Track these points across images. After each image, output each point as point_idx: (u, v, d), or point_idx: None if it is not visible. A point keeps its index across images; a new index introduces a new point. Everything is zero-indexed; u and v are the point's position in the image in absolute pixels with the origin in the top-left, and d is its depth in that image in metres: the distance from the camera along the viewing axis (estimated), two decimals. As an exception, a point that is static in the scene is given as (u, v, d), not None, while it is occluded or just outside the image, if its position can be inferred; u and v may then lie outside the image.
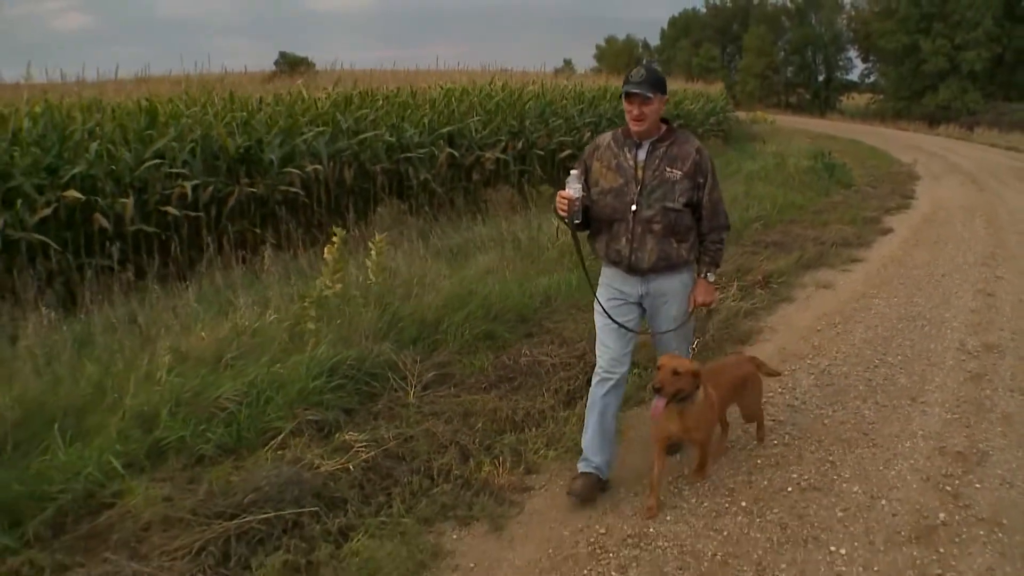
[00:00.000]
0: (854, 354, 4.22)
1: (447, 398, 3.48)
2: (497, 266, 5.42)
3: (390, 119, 8.38)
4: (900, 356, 4.18)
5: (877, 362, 4.09)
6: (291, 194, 7.06)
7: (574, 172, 2.57)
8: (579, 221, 2.58)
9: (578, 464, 2.77)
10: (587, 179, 2.63)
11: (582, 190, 2.54)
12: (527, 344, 4.11)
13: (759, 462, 2.98)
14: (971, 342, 4.41)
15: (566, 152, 10.48)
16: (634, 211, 2.54)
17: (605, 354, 2.72)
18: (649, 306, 2.69)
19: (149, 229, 6.13)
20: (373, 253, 4.62)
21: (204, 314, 4.39)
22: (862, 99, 38.51)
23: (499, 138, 9.66)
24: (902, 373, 3.93)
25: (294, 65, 18.01)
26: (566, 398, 3.41)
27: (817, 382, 3.81)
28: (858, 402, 3.56)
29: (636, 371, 3.47)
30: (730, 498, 2.71)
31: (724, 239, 2.69)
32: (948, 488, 2.77)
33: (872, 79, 38.22)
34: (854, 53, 39.83)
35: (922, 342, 4.42)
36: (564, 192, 2.52)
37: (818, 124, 27.20)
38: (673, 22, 50.91)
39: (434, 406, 3.40)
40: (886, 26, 30.69)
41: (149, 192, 6.19)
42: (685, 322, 2.70)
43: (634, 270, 2.60)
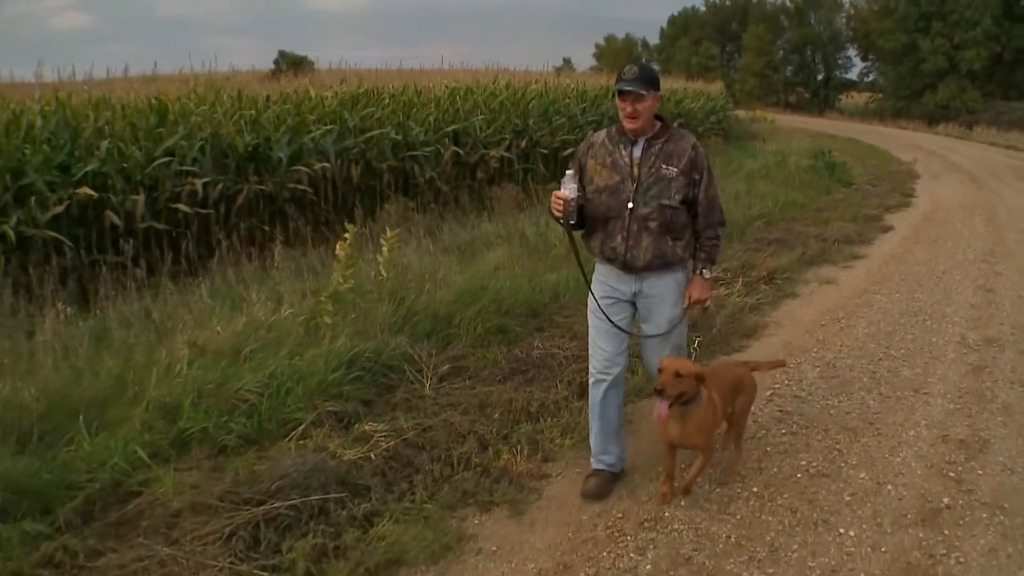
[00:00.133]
0: (858, 347, 4.31)
1: (463, 390, 3.57)
2: (506, 262, 5.51)
3: (396, 118, 8.47)
4: (903, 349, 4.28)
5: (880, 355, 4.19)
6: (299, 192, 7.14)
7: (569, 172, 2.56)
8: (574, 221, 2.57)
9: (591, 461, 2.82)
10: (582, 177, 2.62)
11: (577, 190, 2.53)
12: (538, 338, 4.21)
13: (768, 450, 3.08)
14: (972, 336, 4.51)
15: (569, 150, 10.56)
16: (630, 209, 2.53)
17: (598, 355, 2.73)
18: (642, 306, 2.68)
19: (160, 226, 6.20)
20: (385, 249, 4.70)
21: (218, 309, 4.46)
22: (861, 98, 38.64)
23: (503, 136, 9.75)
24: (905, 366, 4.03)
25: (293, 64, 18.05)
26: (579, 389, 3.49)
27: (822, 374, 3.91)
28: (863, 393, 3.66)
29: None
30: (741, 484, 2.80)
31: (720, 235, 2.68)
32: (951, 474, 2.87)
33: (871, 78, 38.37)
34: (853, 52, 40.01)
35: (924, 336, 4.52)
36: (559, 192, 2.51)
37: (817, 123, 27.31)
38: (672, 21, 51.02)
39: (450, 397, 3.49)
40: (885, 25, 30.80)
41: (159, 190, 6.26)
42: (678, 323, 2.66)
43: (629, 268, 2.59)
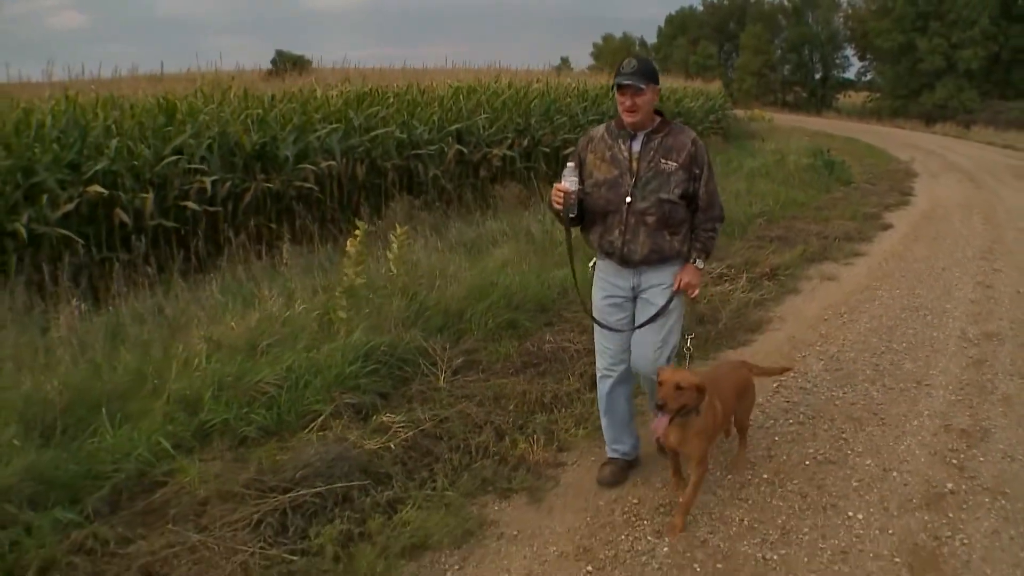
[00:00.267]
0: (861, 341, 4.41)
1: (477, 382, 3.65)
2: (513, 259, 5.59)
3: (401, 116, 8.54)
4: (905, 343, 4.38)
5: (883, 348, 4.28)
6: (305, 190, 7.21)
7: (570, 165, 2.56)
8: (574, 215, 2.56)
9: (606, 450, 2.90)
10: (581, 171, 2.62)
11: (577, 183, 2.53)
12: (548, 332, 4.29)
13: (776, 439, 3.17)
14: (972, 331, 4.60)
15: (570, 149, 10.64)
16: (628, 203, 2.53)
17: (604, 354, 2.76)
18: (640, 300, 2.68)
19: (169, 224, 6.26)
20: (395, 246, 4.77)
21: (231, 305, 4.53)
22: (858, 97, 38.77)
23: (506, 135, 9.83)
24: (907, 358, 4.12)
25: (291, 64, 18.07)
26: (590, 381, 3.56)
27: (827, 367, 4.00)
28: (867, 385, 3.75)
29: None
30: (752, 471, 2.89)
31: (718, 229, 2.67)
32: (954, 461, 2.97)
33: (868, 77, 38.51)
34: (851, 51, 40.14)
35: (925, 331, 4.61)
36: (560, 185, 2.52)
37: (815, 122, 27.42)
38: (670, 20, 51.11)
39: (464, 390, 3.57)
40: (882, 25, 30.92)
41: (168, 188, 6.32)
42: (669, 311, 2.61)
43: (626, 262, 2.60)
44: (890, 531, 2.50)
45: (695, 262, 2.63)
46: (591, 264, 2.83)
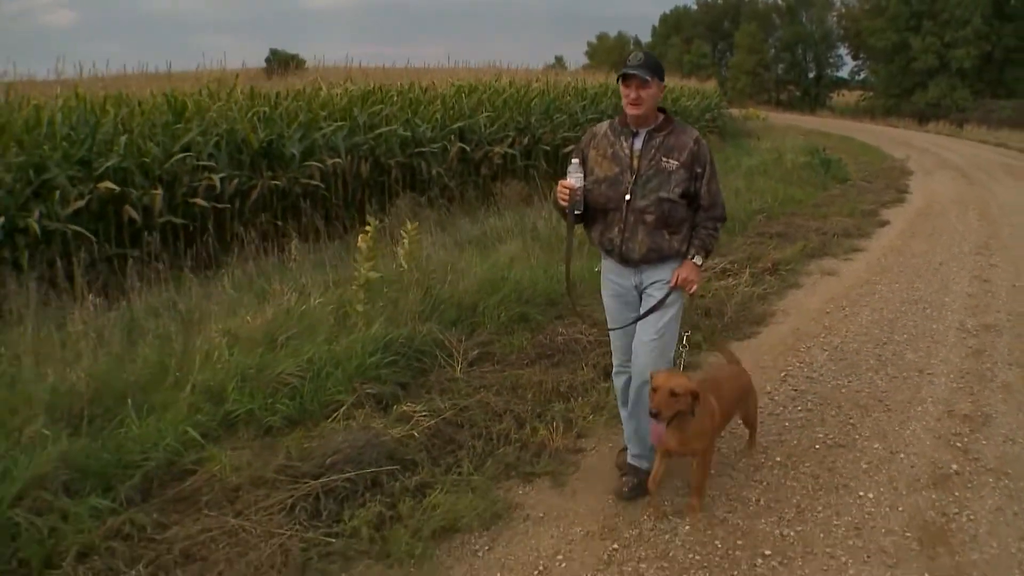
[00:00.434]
0: (863, 333, 4.53)
1: (493, 373, 3.74)
2: (520, 255, 5.69)
3: (404, 115, 8.62)
4: (906, 335, 4.50)
5: (885, 340, 4.40)
6: (311, 187, 7.29)
7: (575, 161, 2.55)
8: (579, 212, 2.55)
9: (627, 457, 2.80)
10: (584, 168, 2.61)
11: (582, 180, 2.52)
12: (560, 325, 4.39)
13: (787, 424, 3.28)
14: (970, 323, 4.73)
15: (569, 147, 10.75)
16: (628, 200, 2.51)
17: (618, 351, 2.78)
18: (643, 296, 2.66)
19: (178, 220, 6.33)
20: (406, 241, 4.86)
21: (245, 300, 4.61)
22: (852, 96, 39.02)
23: (507, 134, 9.92)
24: (909, 349, 4.25)
25: (285, 62, 18.10)
26: (604, 372, 3.67)
27: (831, 357, 4.12)
28: (871, 374, 3.88)
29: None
30: (764, 455, 3.01)
31: (719, 228, 2.64)
32: (958, 444, 3.10)
33: (862, 76, 38.79)
34: (844, 50, 40.41)
35: (925, 323, 4.74)
36: (566, 181, 2.51)
37: (809, 121, 27.63)
38: (664, 19, 51.31)
39: (481, 380, 3.66)
40: (876, 24, 31.15)
41: (177, 185, 6.39)
42: (667, 305, 2.58)
43: (626, 260, 2.59)
44: (900, 509, 2.62)
45: (693, 258, 2.60)
46: (597, 270, 2.85)
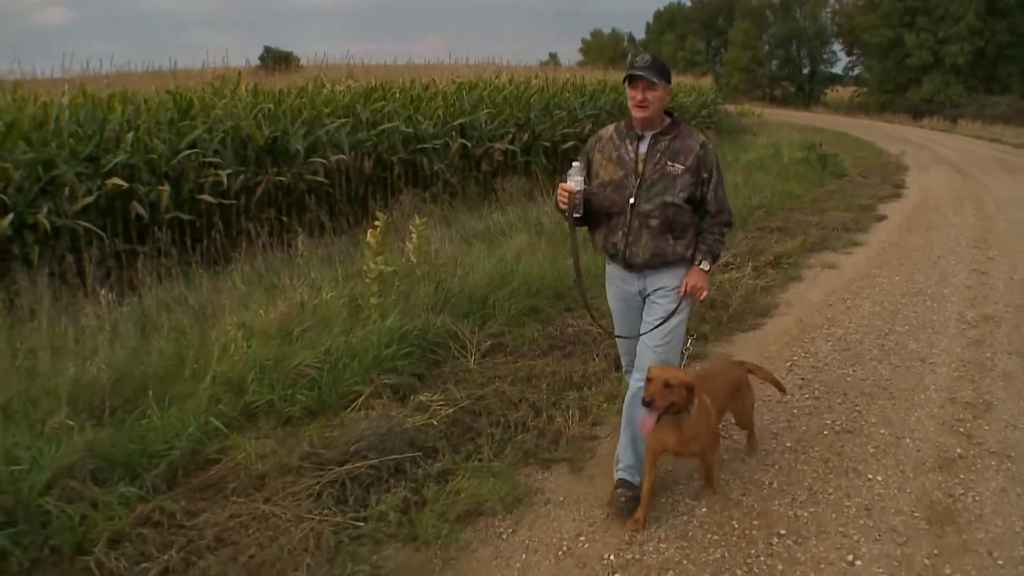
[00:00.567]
0: (865, 324, 4.63)
1: (506, 364, 3.82)
2: (527, 249, 5.76)
3: (407, 111, 8.68)
4: (907, 326, 4.61)
5: (887, 330, 4.51)
6: (315, 183, 7.34)
7: (576, 164, 2.52)
8: (579, 215, 2.53)
9: (616, 470, 2.67)
10: (589, 171, 2.61)
11: (583, 183, 2.50)
12: (569, 317, 4.47)
13: (795, 411, 3.38)
14: (969, 314, 4.84)
15: (569, 144, 10.82)
16: (632, 204, 2.49)
17: (625, 353, 2.83)
18: (647, 301, 2.65)
19: (185, 216, 6.37)
20: (414, 236, 4.93)
21: (256, 294, 4.67)
22: (846, 92, 39.23)
23: (507, 130, 9.98)
24: (911, 339, 4.35)
25: (278, 60, 18.09)
26: (616, 362, 3.74)
27: (835, 347, 4.22)
28: (874, 363, 3.98)
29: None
30: (775, 441, 3.10)
31: (725, 234, 2.62)
32: (961, 430, 3.20)
33: (856, 72, 38.98)
34: (838, 47, 40.63)
35: (925, 314, 4.84)
36: (565, 185, 2.48)
37: (803, 117, 27.77)
38: (658, 16, 51.37)
39: (495, 371, 3.74)
40: (870, 20, 31.32)
41: (183, 181, 6.43)
42: (674, 315, 2.56)
43: (630, 265, 2.58)
44: (908, 490, 2.72)
45: (700, 264, 2.57)
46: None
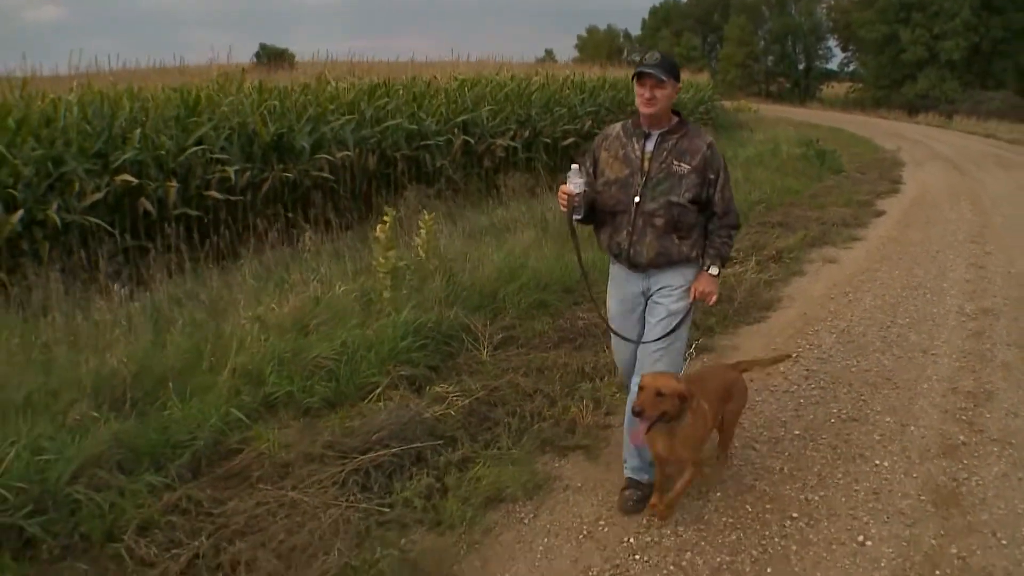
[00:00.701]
0: (867, 317, 4.73)
1: (518, 356, 3.90)
2: (534, 244, 5.84)
3: (410, 108, 8.73)
4: (908, 318, 4.71)
5: (889, 323, 4.61)
6: (321, 179, 7.40)
7: (574, 167, 2.50)
8: (579, 216, 2.54)
9: (626, 469, 2.70)
10: (595, 169, 2.60)
11: (584, 185, 2.47)
12: (578, 310, 4.55)
13: (802, 401, 3.48)
14: (969, 307, 4.95)
15: (569, 140, 10.89)
16: (637, 203, 2.48)
17: (621, 363, 2.76)
18: (652, 301, 2.61)
19: (192, 212, 6.42)
20: (423, 231, 5.00)
21: (265, 289, 4.73)
22: (841, 88, 39.38)
23: (508, 127, 10.05)
24: (912, 331, 4.46)
25: (274, 57, 18.09)
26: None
27: (839, 340, 4.32)
28: (877, 355, 4.08)
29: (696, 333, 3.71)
30: (784, 428, 3.20)
31: (733, 236, 2.58)
32: (964, 418, 3.31)
33: (851, 68, 39.13)
34: (834, 42, 40.75)
35: (926, 307, 4.95)
36: (565, 188, 2.47)
37: (799, 113, 27.85)
38: (654, 12, 51.45)
39: (508, 363, 3.82)
40: (865, 16, 31.44)
41: (191, 177, 6.48)
42: (679, 317, 2.54)
43: (635, 265, 2.55)
44: (914, 475, 2.82)
45: (709, 269, 2.54)
46: None
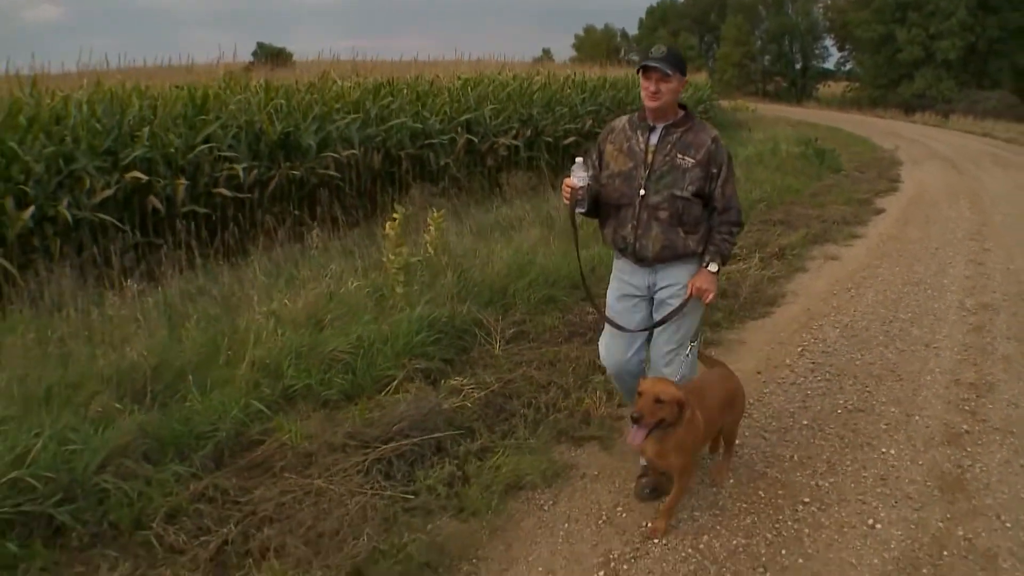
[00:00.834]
0: (870, 312, 4.83)
1: (530, 350, 3.99)
2: (540, 242, 5.92)
3: (414, 107, 8.80)
4: (910, 313, 4.81)
5: (891, 318, 4.71)
6: (327, 177, 7.47)
7: (578, 160, 2.51)
8: (583, 210, 2.55)
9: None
10: (600, 162, 2.61)
11: (587, 178, 2.49)
12: (587, 306, 4.63)
13: (809, 392, 3.57)
14: (969, 302, 5.05)
15: (571, 139, 10.98)
16: (641, 196, 2.48)
17: (611, 363, 2.70)
18: (658, 298, 2.61)
19: (200, 210, 6.49)
20: (432, 228, 5.08)
21: (276, 285, 4.80)
22: (838, 87, 39.52)
23: (511, 126, 10.13)
24: (914, 326, 4.56)
25: (271, 56, 18.11)
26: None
27: (843, 334, 4.41)
28: (881, 348, 4.18)
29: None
30: (792, 418, 3.30)
31: (735, 234, 2.56)
32: (967, 408, 3.41)
33: (848, 68, 39.28)
34: (830, 42, 40.89)
35: (927, 303, 5.05)
36: (568, 180, 2.49)
37: (796, 112, 27.97)
38: (651, 11, 51.51)
39: (520, 356, 3.90)
40: (862, 15, 31.56)
41: (199, 175, 6.54)
42: (683, 315, 2.55)
43: (640, 259, 2.55)
44: (920, 462, 2.92)
45: (708, 266, 2.52)
46: None
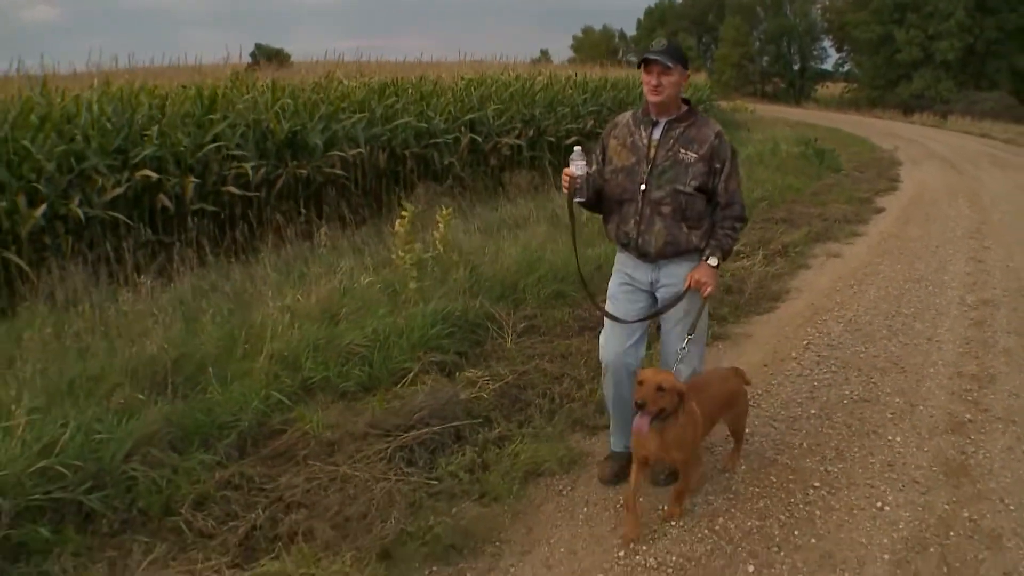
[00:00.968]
0: (873, 307, 4.93)
1: (542, 343, 4.07)
2: (547, 239, 6.00)
3: (419, 107, 8.89)
4: (912, 308, 4.91)
5: (894, 313, 4.81)
6: (333, 176, 7.55)
7: (577, 149, 2.53)
8: (582, 199, 2.55)
9: (611, 442, 2.84)
10: (604, 157, 2.61)
11: (586, 167, 2.50)
12: (596, 301, 4.71)
13: (815, 384, 3.67)
14: (969, 298, 5.15)
15: (572, 139, 11.07)
16: (643, 191, 2.48)
17: (608, 356, 2.69)
18: (661, 296, 2.62)
19: (210, 208, 6.56)
20: (441, 225, 5.16)
21: (288, 282, 4.88)
22: (836, 88, 39.67)
23: (513, 125, 10.22)
24: (916, 321, 4.66)
25: (270, 57, 18.16)
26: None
27: (847, 328, 4.51)
28: (884, 342, 4.28)
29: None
30: (800, 408, 3.39)
31: (737, 229, 2.54)
32: (969, 399, 3.51)
33: (846, 68, 39.43)
34: (828, 43, 41.05)
35: (928, 298, 5.15)
36: (567, 170, 2.50)
37: (795, 113, 28.09)
38: (649, 12, 51.64)
39: (532, 350, 3.98)
40: (860, 16, 31.69)
41: (207, 173, 6.62)
42: (692, 313, 2.56)
43: (644, 255, 2.55)
44: (925, 449, 3.02)
45: (708, 259, 2.51)
46: None
